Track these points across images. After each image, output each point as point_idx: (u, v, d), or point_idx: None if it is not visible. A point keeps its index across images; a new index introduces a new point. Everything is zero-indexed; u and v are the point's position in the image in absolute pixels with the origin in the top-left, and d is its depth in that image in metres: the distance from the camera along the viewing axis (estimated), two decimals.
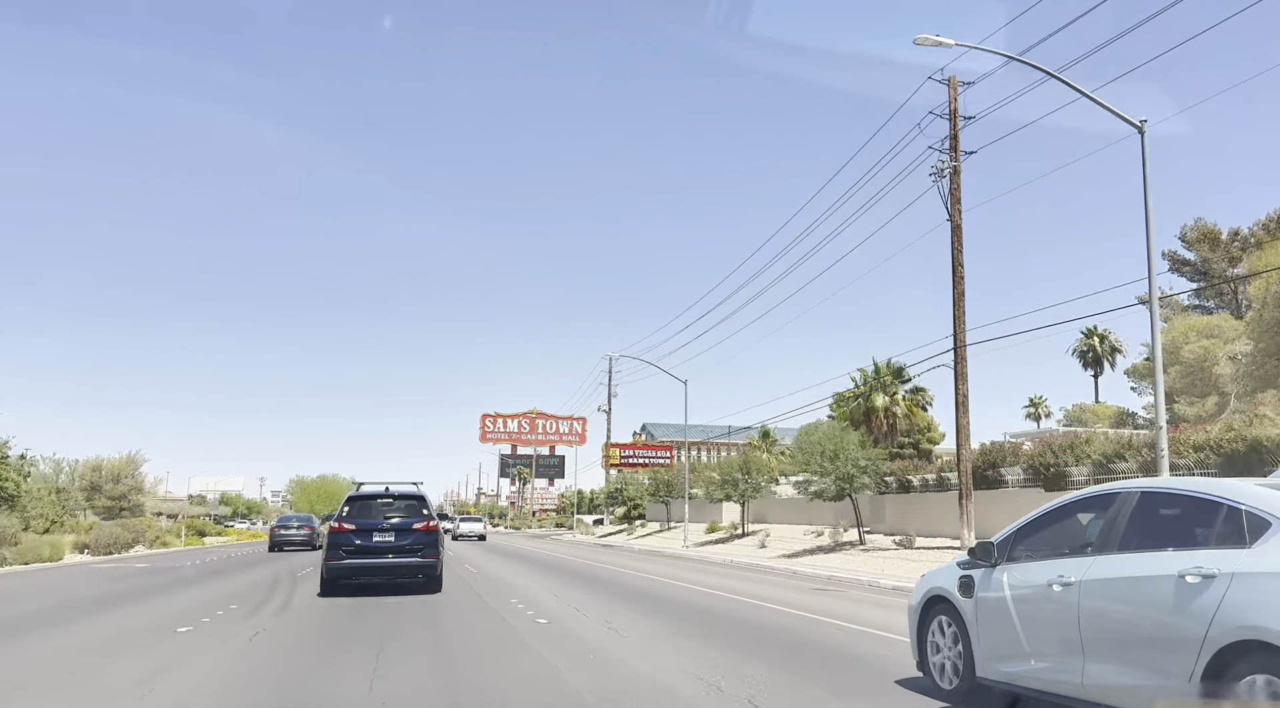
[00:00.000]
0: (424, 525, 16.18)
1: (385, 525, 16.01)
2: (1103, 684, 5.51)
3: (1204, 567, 4.98)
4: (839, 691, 7.67)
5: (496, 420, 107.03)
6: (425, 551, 16.10)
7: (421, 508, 16.54)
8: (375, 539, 15.87)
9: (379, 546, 15.89)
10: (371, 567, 16.00)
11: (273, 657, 9.40)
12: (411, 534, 16.03)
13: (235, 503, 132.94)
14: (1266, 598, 4.61)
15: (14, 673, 8.62)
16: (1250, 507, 5.05)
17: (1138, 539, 5.65)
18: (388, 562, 15.98)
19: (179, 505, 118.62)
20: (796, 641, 10.67)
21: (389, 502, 16.55)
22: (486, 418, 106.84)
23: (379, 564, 15.98)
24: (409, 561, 16.03)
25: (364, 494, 16.93)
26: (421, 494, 17.14)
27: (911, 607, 7.68)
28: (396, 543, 15.95)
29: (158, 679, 7.94)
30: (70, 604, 15.67)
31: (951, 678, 6.98)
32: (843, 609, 14.25)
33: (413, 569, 16.16)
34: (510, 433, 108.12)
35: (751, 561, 29.22)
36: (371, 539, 15.86)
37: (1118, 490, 6.08)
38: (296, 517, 40.89)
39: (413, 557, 16.01)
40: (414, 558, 16.03)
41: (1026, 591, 6.29)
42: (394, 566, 16.05)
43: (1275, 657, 4.48)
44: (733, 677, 7.90)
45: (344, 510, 16.34)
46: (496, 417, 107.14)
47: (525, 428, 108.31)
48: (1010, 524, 6.92)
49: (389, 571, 16.13)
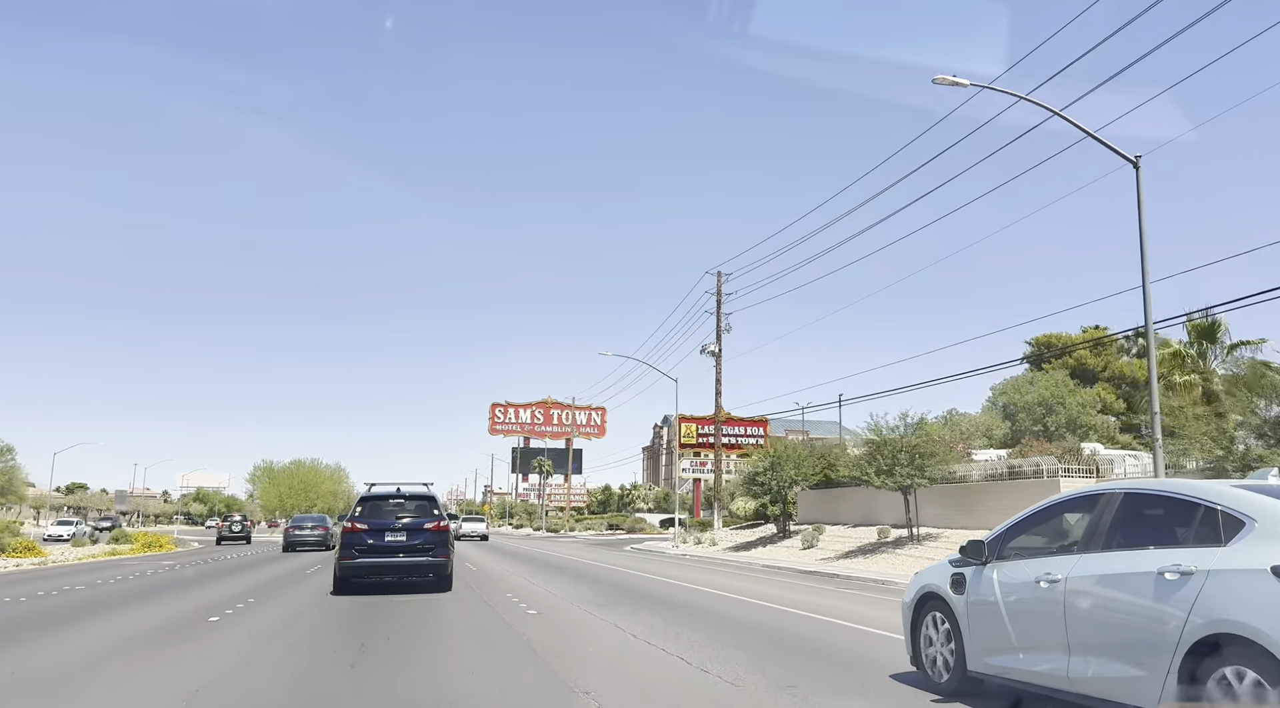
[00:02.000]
0: (435, 525, 16.48)
1: (397, 525, 16.30)
2: (1087, 677, 5.76)
3: (1182, 565, 5.22)
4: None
5: (507, 411, 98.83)
6: (436, 550, 16.38)
7: (432, 508, 16.85)
8: (387, 539, 16.16)
9: (391, 545, 16.18)
10: (383, 566, 16.27)
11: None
12: (423, 534, 16.32)
13: (212, 500, 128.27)
14: (1239, 594, 4.85)
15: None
16: (1226, 507, 5.30)
17: (1121, 538, 5.90)
18: (399, 561, 16.28)
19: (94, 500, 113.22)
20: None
21: (400, 502, 16.83)
22: (496, 408, 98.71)
23: (391, 563, 16.28)
24: (420, 560, 16.31)
25: (376, 495, 17.18)
26: (432, 495, 17.45)
27: (905, 603, 7.92)
28: (408, 542, 16.24)
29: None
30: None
31: (943, 672, 7.23)
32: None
33: (424, 568, 16.43)
34: (522, 424, 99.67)
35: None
36: (384, 539, 16.15)
37: (1103, 491, 6.33)
38: (310, 518, 41.41)
39: (424, 556, 16.30)
40: (425, 557, 16.31)
41: (1015, 587, 6.53)
42: (405, 565, 16.34)
43: (1248, 650, 4.72)
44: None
45: (356, 511, 16.67)
46: (507, 406, 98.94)
47: (539, 419, 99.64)
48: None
49: (401, 569, 16.44)
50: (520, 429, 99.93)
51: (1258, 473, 6.05)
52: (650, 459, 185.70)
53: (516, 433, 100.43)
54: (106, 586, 19.15)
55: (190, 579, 21.01)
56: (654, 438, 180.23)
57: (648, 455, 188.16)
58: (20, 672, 8.36)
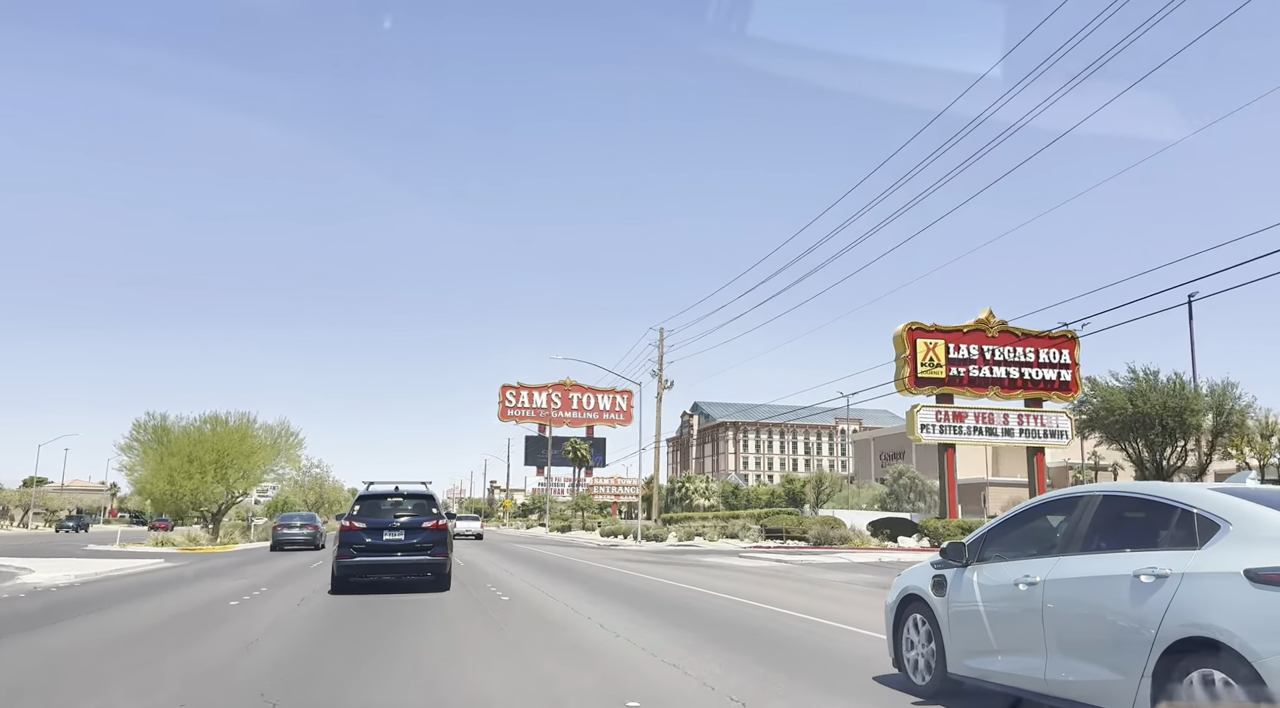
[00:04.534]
0: (433, 524, 16.44)
1: (395, 524, 16.29)
2: (1064, 679, 5.74)
3: (1157, 567, 5.20)
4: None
5: (520, 394, 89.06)
6: (435, 549, 16.33)
7: (430, 507, 16.80)
8: (385, 538, 16.14)
9: (389, 544, 16.15)
10: (381, 565, 16.25)
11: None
12: (421, 533, 16.29)
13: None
14: (1213, 597, 4.83)
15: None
16: (1201, 510, 5.28)
17: (1099, 541, 5.88)
18: (397, 560, 16.25)
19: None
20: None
21: (398, 501, 16.81)
22: (507, 390, 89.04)
23: (389, 562, 16.25)
24: (418, 559, 16.28)
25: (374, 493, 17.12)
26: (430, 493, 17.41)
27: (888, 605, 7.91)
28: (406, 541, 16.21)
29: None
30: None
31: (925, 674, 7.21)
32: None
33: (422, 567, 16.39)
34: (537, 409, 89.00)
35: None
36: (382, 537, 16.13)
37: (1081, 494, 6.32)
38: (299, 516, 40.63)
39: (422, 555, 16.26)
40: (423, 556, 16.26)
41: (995, 589, 6.52)
42: (404, 564, 16.32)
43: (1220, 652, 4.69)
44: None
45: (355, 509, 16.59)
46: (520, 389, 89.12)
47: (556, 403, 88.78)
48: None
49: (399, 569, 16.41)
50: (535, 415, 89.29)
51: (1236, 477, 6.03)
52: (678, 451, 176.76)
53: (531, 420, 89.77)
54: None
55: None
56: (681, 427, 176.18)
57: (674, 447, 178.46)
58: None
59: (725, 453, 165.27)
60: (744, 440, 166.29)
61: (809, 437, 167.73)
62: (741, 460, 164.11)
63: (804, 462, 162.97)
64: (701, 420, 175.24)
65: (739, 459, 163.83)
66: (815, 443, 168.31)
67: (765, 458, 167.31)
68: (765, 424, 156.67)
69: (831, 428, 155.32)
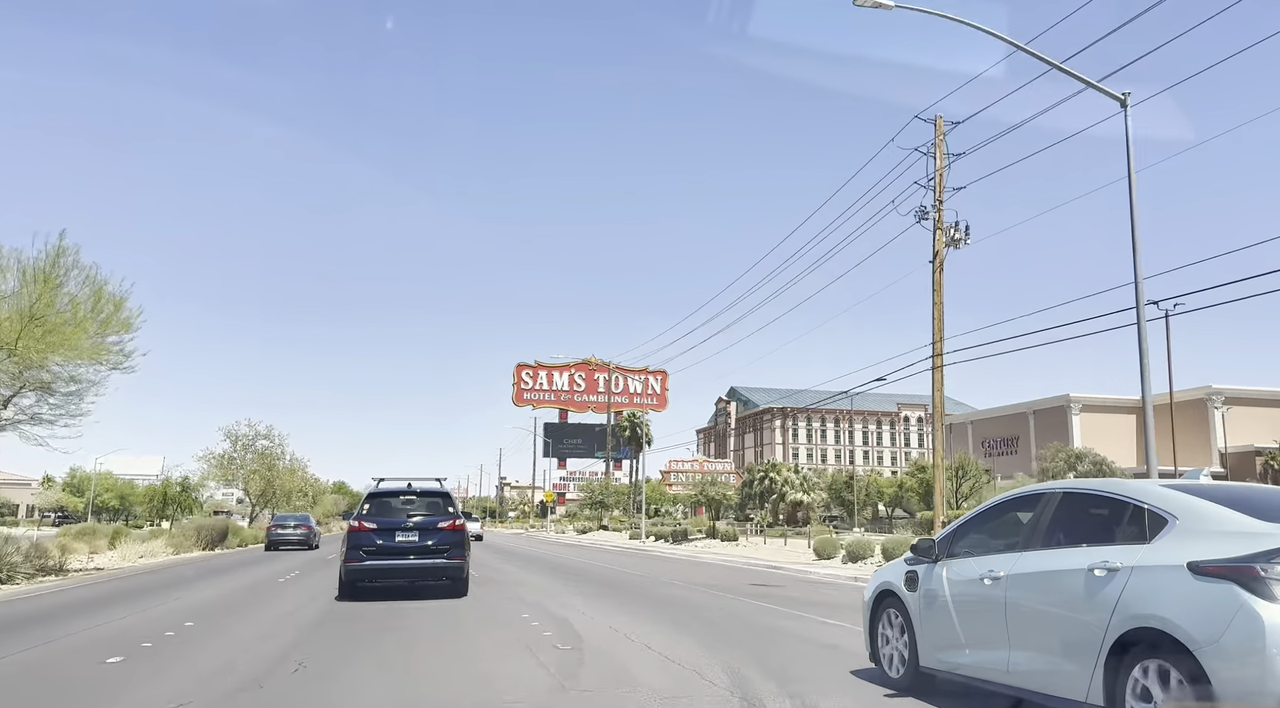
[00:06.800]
0: (449, 524, 15.43)
1: (408, 524, 15.25)
2: (1025, 671, 5.93)
3: (1109, 561, 5.39)
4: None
5: (537, 374, 77.44)
6: (451, 551, 15.33)
7: (446, 506, 15.79)
8: (398, 539, 15.11)
9: (402, 546, 15.11)
10: (394, 569, 15.20)
11: None
12: (436, 534, 15.26)
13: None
14: (1159, 589, 5.02)
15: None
16: (1151, 505, 5.47)
17: (1059, 536, 6.08)
18: (411, 563, 15.20)
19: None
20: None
21: (411, 499, 15.74)
22: (524, 370, 77.32)
23: (402, 566, 15.19)
24: (434, 562, 15.24)
25: (385, 491, 15.95)
26: (446, 491, 16.33)
27: (865, 601, 8.10)
28: (420, 543, 15.17)
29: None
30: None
31: (899, 668, 7.41)
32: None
33: (438, 571, 15.36)
34: (557, 392, 77.76)
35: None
36: (394, 539, 15.08)
37: (1044, 491, 6.51)
38: (293, 516, 41.96)
39: (438, 558, 15.23)
40: (439, 559, 15.24)
41: (962, 585, 6.71)
42: (418, 567, 15.26)
43: (1166, 643, 4.88)
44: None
45: (364, 508, 15.53)
46: (538, 368, 77.38)
47: (580, 385, 77.49)
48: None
49: (412, 572, 15.37)
50: (555, 399, 79.21)
51: (1190, 473, 6.23)
52: (712, 442, 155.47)
53: (550, 404, 79.38)
54: None
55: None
56: (716, 417, 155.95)
57: (706, 438, 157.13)
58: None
59: (771, 443, 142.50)
60: (793, 429, 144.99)
61: (866, 424, 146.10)
62: (791, 451, 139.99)
63: (862, 453, 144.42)
64: (740, 408, 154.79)
65: (788, 450, 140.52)
66: (875, 432, 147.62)
67: (819, 449, 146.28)
68: (818, 411, 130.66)
69: (893, 415, 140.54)
